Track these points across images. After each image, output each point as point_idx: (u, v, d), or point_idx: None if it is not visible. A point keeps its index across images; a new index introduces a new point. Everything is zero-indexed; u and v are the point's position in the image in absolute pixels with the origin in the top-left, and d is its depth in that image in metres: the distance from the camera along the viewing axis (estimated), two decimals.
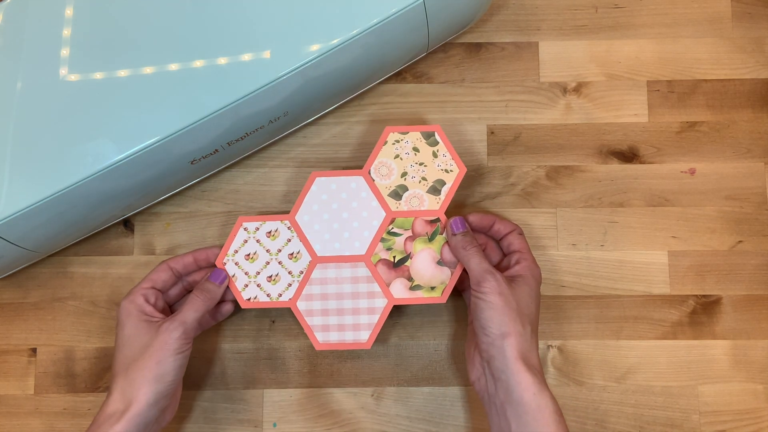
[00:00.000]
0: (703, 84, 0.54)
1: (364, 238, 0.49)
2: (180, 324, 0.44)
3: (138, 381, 0.42)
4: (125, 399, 0.42)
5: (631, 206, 0.53)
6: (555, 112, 0.54)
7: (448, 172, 0.49)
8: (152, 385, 0.42)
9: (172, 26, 0.44)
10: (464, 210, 0.53)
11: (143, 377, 0.42)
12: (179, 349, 0.43)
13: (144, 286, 0.46)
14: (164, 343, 0.43)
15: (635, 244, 0.52)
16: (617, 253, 0.52)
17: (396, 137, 0.49)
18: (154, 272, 0.47)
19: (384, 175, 0.49)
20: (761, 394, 0.51)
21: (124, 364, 0.43)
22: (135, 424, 0.42)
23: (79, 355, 0.51)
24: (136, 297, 0.45)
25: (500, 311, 0.43)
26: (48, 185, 0.42)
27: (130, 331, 0.44)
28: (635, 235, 0.52)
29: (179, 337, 0.43)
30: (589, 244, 0.52)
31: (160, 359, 0.43)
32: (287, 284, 0.48)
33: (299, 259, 0.48)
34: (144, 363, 0.43)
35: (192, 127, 0.43)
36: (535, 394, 0.41)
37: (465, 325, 0.52)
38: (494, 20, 0.55)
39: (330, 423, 0.51)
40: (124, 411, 0.42)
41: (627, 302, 0.52)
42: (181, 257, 0.48)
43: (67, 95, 0.43)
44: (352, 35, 0.43)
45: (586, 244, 0.52)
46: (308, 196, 0.49)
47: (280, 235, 0.49)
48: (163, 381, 0.43)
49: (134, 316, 0.44)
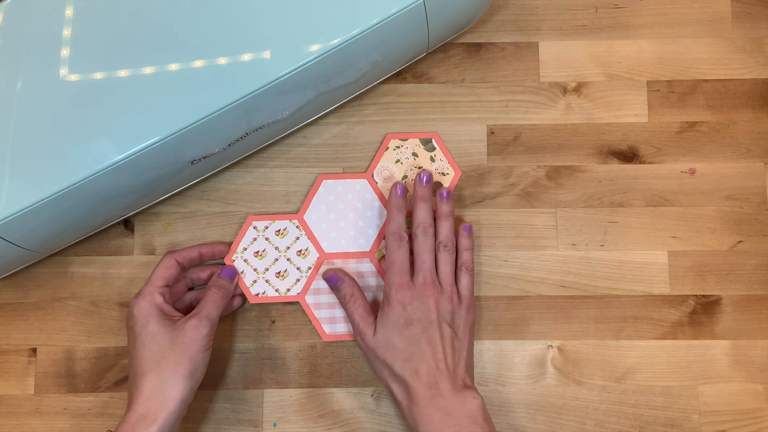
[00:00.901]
0: (703, 84, 0.54)
1: (368, 236, 0.52)
2: (207, 320, 0.45)
3: (172, 378, 0.42)
4: (159, 397, 0.42)
5: (631, 206, 0.53)
6: (555, 112, 0.54)
7: (444, 175, 0.52)
8: (187, 381, 0.43)
9: (172, 26, 0.44)
10: (464, 209, 0.53)
11: (177, 374, 0.43)
12: (208, 345, 0.45)
13: (159, 284, 0.46)
14: (194, 339, 0.44)
15: (635, 244, 0.52)
16: (617, 253, 0.52)
17: (396, 143, 0.53)
18: (164, 268, 0.47)
19: (386, 178, 0.52)
20: (761, 394, 0.51)
21: (153, 362, 0.43)
22: (170, 423, 0.42)
23: (79, 355, 0.51)
24: (155, 296, 0.45)
25: (374, 367, 0.47)
26: (48, 185, 0.42)
27: (154, 329, 0.44)
28: (635, 235, 0.52)
29: (208, 333, 0.44)
30: (589, 244, 0.52)
31: (192, 355, 0.43)
32: (295, 279, 0.51)
33: (307, 255, 0.51)
34: (177, 359, 0.43)
35: (192, 127, 0.43)
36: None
37: None
38: (494, 20, 0.55)
39: (330, 423, 0.51)
40: (159, 410, 0.42)
41: (627, 302, 0.52)
42: (187, 251, 0.49)
43: (67, 95, 0.43)
44: (352, 35, 0.43)
45: (586, 244, 0.52)
46: (316, 197, 0.52)
47: (289, 233, 0.52)
48: (194, 377, 0.44)
49: (156, 315, 0.45)
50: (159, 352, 0.43)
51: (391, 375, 0.45)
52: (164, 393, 0.42)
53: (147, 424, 0.41)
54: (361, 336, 0.47)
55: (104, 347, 0.51)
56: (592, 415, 0.51)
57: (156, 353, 0.43)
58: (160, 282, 0.46)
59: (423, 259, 0.47)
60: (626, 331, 0.51)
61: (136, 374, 0.43)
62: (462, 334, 0.46)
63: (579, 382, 0.51)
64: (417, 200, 0.48)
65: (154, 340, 0.44)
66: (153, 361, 0.43)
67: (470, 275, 0.48)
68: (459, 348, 0.46)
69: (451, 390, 0.44)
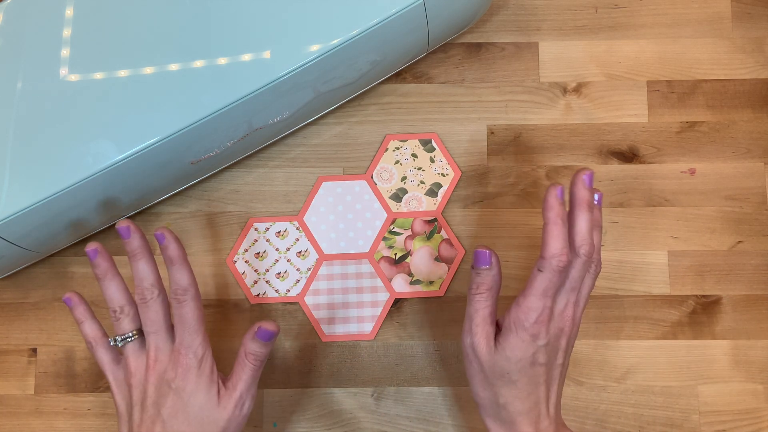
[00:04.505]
0: (702, 84, 0.54)
1: (367, 237, 0.52)
2: (249, 397, 0.41)
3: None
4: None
5: (631, 206, 0.53)
6: (555, 112, 0.54)
7: (444, 176, 0.53)
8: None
9: (172, 26, 0.44)
10: (464, 210, 0.53)
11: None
12: (245, 420, 0.42)
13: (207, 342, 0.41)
14: (237, 423, 0.41)
15: (635, 244, 0.52)
16: (617, 253, 0.52)
17: (396, 144, 0.53)
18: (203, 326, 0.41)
19: (385, 179, 0.53)
20: (761, 394, 0.51)
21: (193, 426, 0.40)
22: None
23: (80, 355, 0.51)
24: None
25: (470, 375, 0.42)
26: (48, 185, 0.42)
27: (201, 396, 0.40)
28: (635, 235, 0.52)
29: (248, 412, 0.42)
30: None
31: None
32: (295, 280, 0.51)
33: (307, 256, 0.52)
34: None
35: (192, 127, 0.43)
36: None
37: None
38: (494, 20, 0.55)
39: (330, 423, 0.51)
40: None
41: (627, 302, 0.52)
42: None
43: (67, 95, 0.43)
44: (352, 35, 0.43)
45: None
46: (315, 198, 0.52)
47: (289, 235, 0.52)
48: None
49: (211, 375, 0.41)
50: (200, 426, 0.40)
51: (493, 403, 0.41)
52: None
53: None
54: (473, 341, 0.40)
55: None
56: (592, 415, 0.51)
57: (197, 426, 0.40)
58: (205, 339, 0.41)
59: (574, 286, 0.40)
60: (626, 331, 0.51)
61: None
62: (566, 369, 0.43)
63: (579, 382, 0.51)
64: (579, 208, 0.39)
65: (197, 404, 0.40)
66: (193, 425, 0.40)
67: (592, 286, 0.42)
68: (563, 383, 0.42)
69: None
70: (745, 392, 0.51)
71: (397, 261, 0.52)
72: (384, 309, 0.51)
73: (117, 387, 0.41)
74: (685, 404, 0.51)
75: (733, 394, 0.51)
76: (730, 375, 0.51)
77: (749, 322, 0.51)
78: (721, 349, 0.51)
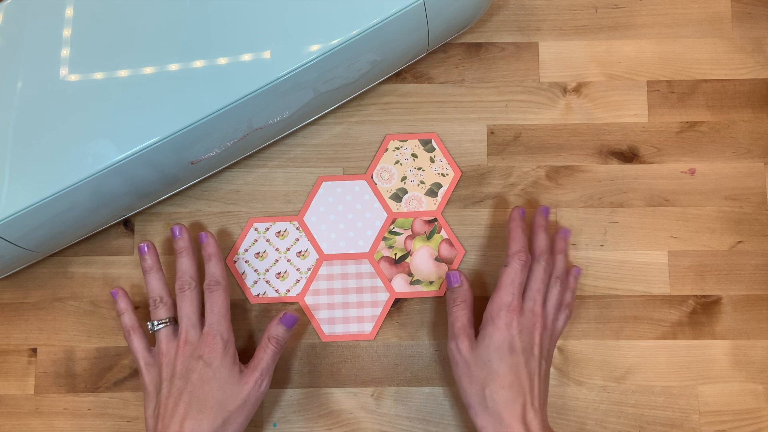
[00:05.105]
0: (702, 84, 0.54)
1: (367, 237, 0.52)
2: (268, 376, 0.46)
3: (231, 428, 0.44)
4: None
5: (631, 206, 0.53)
6: (555, 112, 0.54)
7: (444, 176, 0.53)
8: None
9: (172, 26, 0.44)
10: (464, 210, 0.53)
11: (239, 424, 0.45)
12: (264, 393, 0.46)
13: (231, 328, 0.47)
14: (256, 397, 0.45)
15: (635, 244, 0.52)
16: (617, 253, 0.52)
17: (396, 144, 0.53)
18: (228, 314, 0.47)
19: (385, 179, 0.53)
20: (761, 394, 0.51)
21: (217, 403, 0.44)
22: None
23: (79, 355, 0.51)
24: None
25: (458, 377, 0.45)
26: (48, 185, 0.42)
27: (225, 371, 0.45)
28: (635, 235, 0.52)
29: (266, 389, 0.46)
30: (589, 244, 0.52)
31: (249, 415, 0.45)
32: (295, 280, 0.51)
33: (307, 257, 0.52)
34: (238, 415, 0.44)
35: (192, 127, 0.43)
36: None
37: None
38: (494, 20, 0.55)
39: (330, 423, 0.51)
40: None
41: (627, 302, 0.52)
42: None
43: (67, 95, 0.43)
44: (352, 35, 0.43)
45: (586, 244, 0.52)
46: (315, 198, 0.52)
47: (289, 235, 0.52)
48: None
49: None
50: (223, 396, 0.44)
51: (480, 396, 0.44)
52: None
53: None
54: (456, 343, 0.45)
55: (104, 347, 0.51)
56: (592, 415, 0.51)
57: (220, 395, 0.44)
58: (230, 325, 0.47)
59: (538, 287, 0.46)
60: (626, 331, 0.51)
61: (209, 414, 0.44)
62: (548, 374, 0.46)
63: (579, 382, 0.51)
64: (538, 228, 0.48)
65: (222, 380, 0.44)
66: (218, 402, 0.44)
67: (568, 317, 0.48)
68: (547, 388, 0.46)
69: (540, 430, 0.42)
70: (745, 392, 0.51)
71: (397, 261, 0.52)
72: (384, 309, 0.51)
73: (147, 370, 0.46)
74: (685, 404, 0.51)
75: (733, 394, 0.51)
76: (730, 375, 0.51)
77: (749, 322, 0.51)
78: (721, 349, 0.51)
